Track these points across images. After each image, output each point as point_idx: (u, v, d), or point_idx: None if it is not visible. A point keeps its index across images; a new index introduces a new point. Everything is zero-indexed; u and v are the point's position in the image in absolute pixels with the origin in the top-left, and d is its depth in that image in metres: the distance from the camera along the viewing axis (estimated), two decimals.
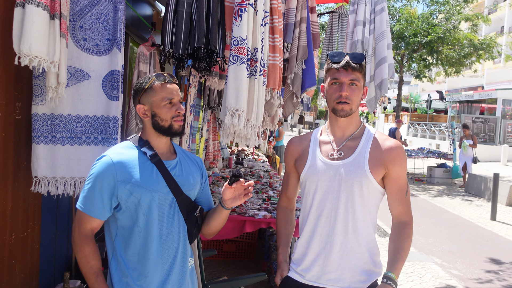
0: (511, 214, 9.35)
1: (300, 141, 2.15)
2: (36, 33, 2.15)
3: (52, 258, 3.45)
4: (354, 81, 1.94)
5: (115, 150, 1.83)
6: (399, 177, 1.98)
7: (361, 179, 1.93)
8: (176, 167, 1.90)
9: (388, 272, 1.89)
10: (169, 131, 1.86)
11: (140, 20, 5.01)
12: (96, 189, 1.75)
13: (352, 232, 1.95)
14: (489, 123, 21.40)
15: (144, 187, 1.77)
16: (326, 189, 1.98)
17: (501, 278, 5.48)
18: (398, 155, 1.98)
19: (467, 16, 17.32)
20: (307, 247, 2.02)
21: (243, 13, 2.60)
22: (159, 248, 1.80)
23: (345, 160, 1.97)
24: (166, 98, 1.83)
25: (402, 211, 2.02)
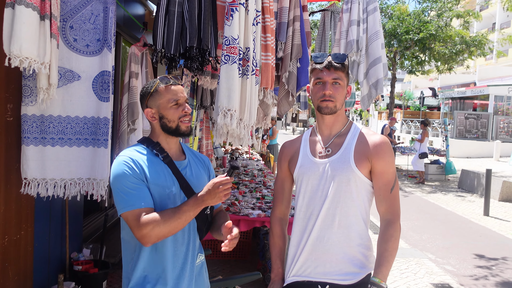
0: (503, 209, 9.41)
1: (292, 143, 2.22)
2: (26, 34, 2.13)
3: (46, 260, 3.43)
4: (336, 80, 2.01)
5: (129, 151, 1.85)
6: (384, 171, 1.99)
7: (348, 174, 1.97)
8: (187, 167, 1.94)
9: (373, 277, 1.92)
10: (177, 132, 1.90)
11: (131, 20, 4.98)
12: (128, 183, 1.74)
13: (338, 227, 1.98)
14: (481, 119, 21.52)
15: (159, 185, 1.81)
16: (316, 187, 2.03)
17: (494, 274, 5.53)
18: (382, 149, 2.00)
19: (458, 13, 17.39)
20: (298, 246, 2.06)
21: (234, 13, 2.60)
22: (172, 245, 1.84)
23: (332, 157, 2.03)
24: (172, 99, 1.87)
25: (387, 209, 2.01)
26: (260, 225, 4.12)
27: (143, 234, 1.69)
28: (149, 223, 1.68)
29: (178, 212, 1.72)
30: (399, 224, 2.00)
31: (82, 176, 2.67)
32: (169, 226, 1.70)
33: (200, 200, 1.74)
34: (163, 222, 1.69)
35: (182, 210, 1.73)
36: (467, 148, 20.13)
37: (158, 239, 1.71)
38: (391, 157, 2.02)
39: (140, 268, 1.81)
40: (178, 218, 1.71)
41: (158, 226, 1.68)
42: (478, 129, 21.37)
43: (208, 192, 1.73)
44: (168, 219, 1.70)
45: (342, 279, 1.98)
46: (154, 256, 1.81)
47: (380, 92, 4.28)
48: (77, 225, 4.11)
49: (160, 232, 1.69)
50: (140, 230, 1.68)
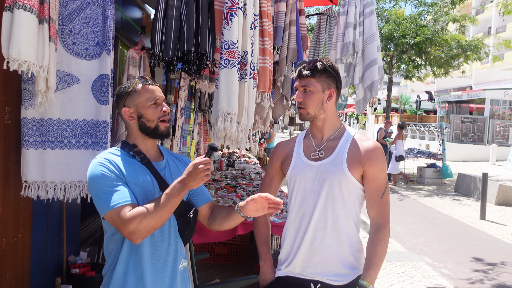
0: (500, 213, 9.45)
1: (286, 144, 2.27)
2: (25, 38, 2.14)
3: (43, 263, 3.43)
4: (305, 87, 2.09)
5: (104, 154, 1.83)
6: (375, 177, 2.04)
7: (340, 177, 2.02)
8: (165, 168, 1.93)
9: (361, 280, 1.97)
10: (156, 133, 1.88)
11: (129, 24, 5.00)
12: (107, 183, 1.72)
13: (331, 229, 2.04)
14: (477, 123, 21.63)
15: (138, 185, 1.79)
16: (308, 188, 2.08)
17: (490, 277, 5.55)
18: (375, 155, 2.04)
19: (454, 17, 17.49)
20: (292, 245, 2.12)
21: (234, 17, 2.62)
22: (150, 247, 1.81)
23: (325, 160, 2.08)
24: (151, 98, 1.86)
25: (378, 213, 2.06)
26: None
27: (131, 229, 1.64)
28: (135, 217, 1.64)
29: (164, 200, 1.69)
30: (388, 229, 2.06)
31: (82, 178, 2.68)
32: (156, 215, 1.66)
33: (182, 183, 1.70)
34: (149, 213, 1.66)
35: (166, 197, 1.69)
36: (463, 152, 20.21)
37: (147, 232, 1.68)
38: (383, 163, 2.06)
39: (118, 272, 1.78)
40: (164, 205, 1.68)
41: (145, 218, 1.65)
42: (475, 133, 21.47)
43: (189, 174, 1.69)
44: (153, 209, 1.67)
45: (333, 280, 2.04)
46: (132, 260, 1.78)
47: (375, 94, 4.29)
48: (75, 228, 4.11)
49: (149, 224, 1.66)
50: (127, 226, 1.64)
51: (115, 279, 1.78)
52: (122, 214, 1.66)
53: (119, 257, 1.78)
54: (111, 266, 1.81)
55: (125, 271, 1.78)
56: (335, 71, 2.10)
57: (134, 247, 1.78)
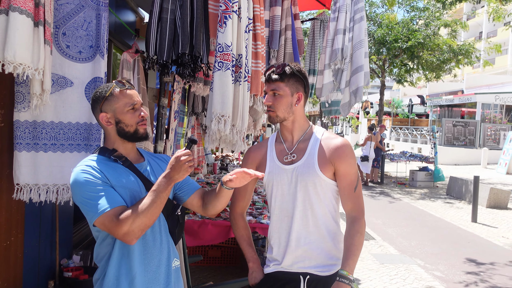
0: (491, 216, 9.53)
1: (259, 148, 2.31)
2: (20, 41, 2.14)
3: (35, 266, 3.41)
4: (274, 90, 2.14)
5: (85, 161, 1.81)
6: (346, 173, 2.12)
7: (314, 179, 2.10)
8: (148, 169, 1.94)
9: (341, 270, 2.04)
10: (135, 136, 1.88)
11: (123, 27, 5.00)
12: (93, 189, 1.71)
13: (313, 227, 2.13)
14: (469, 126, 21.80)
15: (125, 187, 1.79)
16: (286, 191, 2.16)
17: (482, 279, 5.59)
18: (344, 152, 2.12)
19: (446, 22, 17.67)
20: (277, 245, 2.20)
21: (228, 20, 2.64)
22: (142, 249, 1.81)
23: (297, 163, 2.15)
24: (129, 103, 1.85)
25: (352, 206, 2.14)
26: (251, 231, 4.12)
27: (125, 231, 1.65)
28: (128, 218, 1.65)
29: (152, 196, 1.69)
30: (364, 220, 2.15)
31: None
32: (148, 213, 1.67)
33: (168, 177, 1.71)
34: (141, 212, 1.66)
35: (154, 193, 1.70)
36: (455, 155, 20.36)
37: (142, 231, 1.68)
38: (352, 159, 2.14)
39: (110, 277, 1.78)
40: (153, 202, 1.68)
41: (138, 217, 1.65)
42: (466, 136, 21.64)
43: (172, 168, 1.70)
44: (144, 207, 1.67)
45: (321, 271, 2.14)
46: (124, 263, 1.78)
47: (360, 99, 4.37)
48: (67, 232, 4.09)
49: (142, 223, 1.67)
50: (120, 228, 1.64)
51: (108, 284, 1.78)
52: (114, 217, 1.66)
53: (110, 261, 1.78)
54: (103, 271, 1.80)
55: (117, 275, 1.78)
56: (303, 75, 2.18)
57: (125, 251, 1.78)
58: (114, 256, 1.78)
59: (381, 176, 14.14)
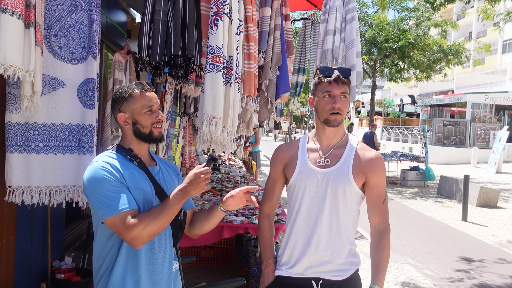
0: (481, 214, 9.63)
1: (289, 148, 2.27)
2: (11, 42, 2.14)
3: (27, 268, 3.40)
4: (344, 93, 2.11)
5: (103, 157, 1.84)
6: (377, 185, 2.15)
7: (345, 186, 2.10)
8: (159, 173, 1.96)
9: (373, 284, 2.09)
10: (150, 138, 1.91)
11: (115, 27, 4.99)
12: (110, 187, 1.73)
13: (335, 234, 2.12)
14: (459, 126, 21.98)
15: (138, 189, 1.81)
16: (313, 194, 2.13)
17: (471, 277, 5.65)
18: (378, 165, 2.15)
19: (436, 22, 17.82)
20: (294, 248, 2.17)
21: (219, 22, 2.65)
22: (148, 251, 1.84)
23: (331, 168, 2.13)
24: (147, 105, 1.88)
25: (380, 219, 2.17)
26: (243, 232, 4.14)
27: (134, 236, 1.68)
28: (139, 224, 1.68)
29: (165, 208, 1.74)
30: (390, 234, 2.19)
31: (67, 183, 2.67)
32: (158, 222, 1.71)
33: (184, 191, 1.75)
34: (153, 219, 1.70)
35: (168, 204, 1.75)
36: (445, 155, 20.52)
37: (149, 238, 1.72)
38: (384, 172, 2.17)
39: (116, 275, 1.78)
40: (166, 213, 1.73)
41: (149, 225, 1.69)
42: (456, 136, 21.82)
43: (190, 183, 1.75)
44: (156, 216, 1.71)
45: (335, 275, 2.13)
46: (130, 263, 1.80)
47: (353, 99, 4.38)
48: (59, 233, 4.08)
49: (151, 230, 1.71)
50: (130, 232, 1.68)
51: (113, 283, 1.78)
52: (126, 220, 1.69)
53: (117, 260, 1.79)
54: (107, 270, 1.81)
55: (123, 274, 1.79)
56: None
57: (132, 250, 1.80)
58: (121, 256, 1.79)
59: None
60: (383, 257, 2.13)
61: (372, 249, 2.18)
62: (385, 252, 2.14)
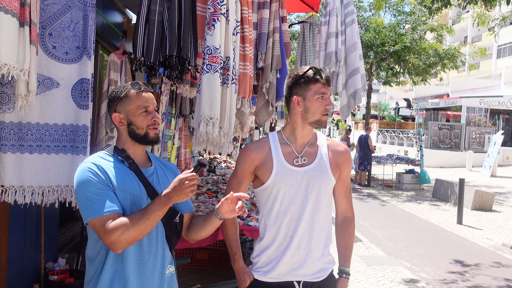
0: (476, 218, 9.65)
1: (259, 148, 2.19)
2: (5, 41, 2.11)
3: (20, 270, 3.37)
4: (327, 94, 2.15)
5: (93, 158, 1.81)
6: (346, 176, 2.27)
7: (325, 181, 2.14)
8: (153, 175, 1.92)
9: (345, 267, 2.21)
10: (145, 139, 1.87)
11: (110, 28, 4.97)
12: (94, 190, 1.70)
13: (317, 230, 2.14)
14: (454, 130, 22.07)
15: (125, 192, 1.77)
16: (294, 193, 2.12)
17: (466, 279, 5.66)
18: (348, 158, 2.27)
19: (432, 27, 17.91)
20: (276, 249, 2.14)
21: (216, 23, 2.64)
22: (137, 254, 1.80)
23: (309, 166, 2.15)
24: (142, 106, 1.84)
25: (347, 206, 2.29)
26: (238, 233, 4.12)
27: (112, 240, 1.65)
28: (117, 229, 1.64)
29: (146, 213, 1.68)
30: (354, 221, 2.33)
31: (60, 183, 2.64)
32: (138, 229, 1.66)
33: (167, 197, 1.69)
34: (132, 225, 1.66)
35: (149, 210, 1.69)
36: (440, 158, 20.59)
37: (128, 244, 1.68)
38: (351, 164, 2.29)
39: (104, 280, 1.75)
40: (146, 219, 1.68)
41: (128, 230, 1.65)
42: (451, 139, 21.90)
43: (174, 189, 1.68)
44: (136, 222, 1.66)
45: (315, 277, 2.15)
46: (118, 267, 1.77)
47: (359, 102, 4.39)
48: (53, 234, 4.05)
49: (130, 236, 1.66)
50: (109, 236, 1.64)
51: (101, 286, 1.75)
52: (105, 224, 1.65)
53: (105, 264, 1.76)
54: (96, 273, 1.78)
55: (112, 277, 1.76)
56: None
57: (119, 255, 1.76)
58: (110, 259, 1.76)
59: (368, 178, 14.24)
60: (351, 242, 2.26)
61: (340, 235, 2.27)
62: (352, 238, 2.27)
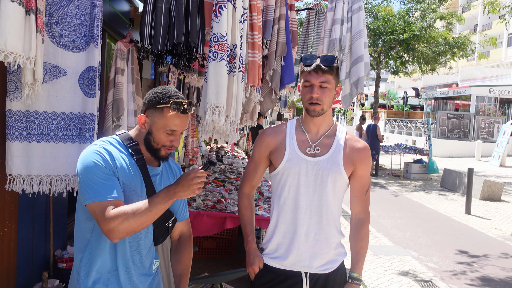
0: (484, 207, 9.59)
1: (276, 133, 2.21)
2: (11, 29, 2.10)
3: (29, 257, 3.39)
4: (324, 83, 2.06)
5: (103, 143, 1.77)
6: (363, 175, 2.17)
7: (336, 175, 2.09)
8: (158, 176, 1.88)
9: (352, 272, 2.14)
10: (154, 154, 1.82)
11: (117, 16, 4.94)
12: (100, 174, 1.67)
13: (326, 223, 2.12)
14: (463, 119, 21.88)
15: (126, 186, 1.74)
16: (303, 182, 2.10)
17: (474, 270, 5.63)
18: (366, 156, 2.17)
19: (441, 15, 17.64)
20: (282, 236, 2.14)
21: (223, 10, 2.60)
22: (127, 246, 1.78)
23: (322, 157, 2.11)
24: (170, 128, 1.77)
25: (361, 209, 2.21)
26: None
27: (111, 228, 1.60)
28: (117, 217, 1.60)
29: (149, 205, 1.63)
30: (369, 224, 2.24)
31: (68, 172, 2.64)
32: (139, 219, 1.62)
33: (172, 192, 1.66)
34: (133, 215, 1.61)
35: (152, 202, 1.64)
36: (449, 148, 20.45)
37: (126, 234, 1.63)
38: (370, 163, 2.21)
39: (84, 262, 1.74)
40: (148, 211, 1.63)
41: (127, 220, 1.60)
42: (460, 129, 21.72)
43: (181, 184, 1.65)
44: (138, 212, 1.62)
45: (323, 269, 2.13)
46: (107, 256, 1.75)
47: (361, 90, 4.32)
48: (62, 223, 4.07)
49: (129, 226, 1.61)
50: (107, 223, 1.60)
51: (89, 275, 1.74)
52: (106, 210, 1.61)
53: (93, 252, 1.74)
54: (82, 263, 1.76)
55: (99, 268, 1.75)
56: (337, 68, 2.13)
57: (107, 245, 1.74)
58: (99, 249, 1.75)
59: (376, 168, 14.18)
60: (363, 246, 2.18)
61: (352, 238, 2.21)
62: (364, 241, 2.19)
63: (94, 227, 1.74)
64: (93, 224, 1.73)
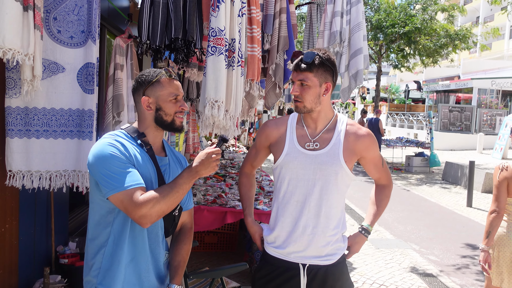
0: (486, 200, 9.58)
1: (277, 126, 2.23)
2: (9, 25, 2.10)
3: (31, 253, 3.41)
4: (302, 81, 2.06)
5: (113, 136, 1.79)
6: (373, 157, 2.23)
7: (336, 169, 2.08)
8: (166, 165, 1.91)
9: (367, 224, 2.25)
10: (171, 126, 1.87)
11: (116, 12, 4.94)
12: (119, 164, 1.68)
13: (324, 217, 2.11)
14: (465, 112, 21.81)
15: (141, 174, 1.75)
16: (301, 176, 2.10)
17: (476, 263, 5.64)
18: (369, 142, 2.18)
19: (443, 7, 17.57)
20: (281, 229, 2.15)
21: (221, 4, 2.60)
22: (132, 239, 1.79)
23: (321, 151, 2.10)
24: (173, 93, 1.84)
25: (381, 176, 2.31)
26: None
27: (143, 213, 1.64)
28: (149, 201, 1.64)
29: (176, 186, 1.72)
30: (391, 189, 2.35)
31: (67, 168, 2.65)
32: (168, 201, 1.68)
33: (194, 171, 1.75)
34: (162, 198, 1.67)
35: (178, 183, 1.73)
36: (451, 141, 20.39)
37: (158, 217, 1.69)
38: (376, 145, 2.22)
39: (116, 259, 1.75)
40: (176, 192, 1.71)
41: (159, 203, 1.66)
42: (462, 122, 21.65)
43: (201, 163, 1.74)
44: (166, 194, 1.68)
45: (321, 261, 2.13)
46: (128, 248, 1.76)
47: (360, 83, 4.31)
48: (63, 218, 4.09)
49: (160, 209, 1.67)
50: (139, 209, 1.63)
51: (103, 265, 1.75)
52: (135, 197, 1.64)
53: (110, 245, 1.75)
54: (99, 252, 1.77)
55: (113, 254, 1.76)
56: (331, 63, 2.08)
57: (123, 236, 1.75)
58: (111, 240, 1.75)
59: None
60: (382, 204, 2.28)
61: (374, 197, 2.31)
62: (384, 201, 2.29)
63: (115, 220, 1.75)
64: (113, 218, 1.75)
